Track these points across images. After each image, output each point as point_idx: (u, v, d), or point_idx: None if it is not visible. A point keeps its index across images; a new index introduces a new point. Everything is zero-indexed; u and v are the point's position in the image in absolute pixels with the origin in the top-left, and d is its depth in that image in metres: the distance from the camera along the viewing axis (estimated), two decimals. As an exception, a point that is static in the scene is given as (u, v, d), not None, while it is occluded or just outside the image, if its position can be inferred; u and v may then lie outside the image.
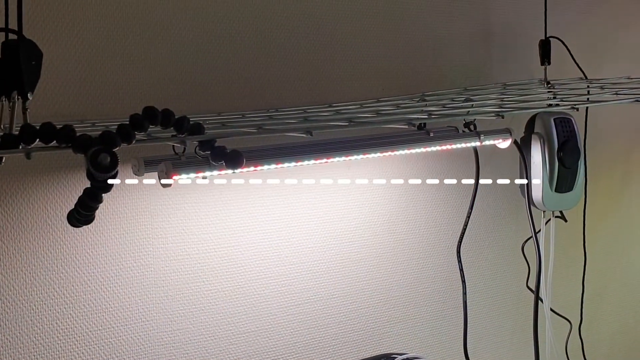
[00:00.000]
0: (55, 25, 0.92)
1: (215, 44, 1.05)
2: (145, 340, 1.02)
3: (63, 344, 0.96)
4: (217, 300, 1.08)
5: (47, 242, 0.94)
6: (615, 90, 1.09)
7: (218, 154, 0.62)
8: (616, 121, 1.57)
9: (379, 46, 1.21)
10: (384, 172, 1.24)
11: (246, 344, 1.11)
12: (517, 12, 1.38)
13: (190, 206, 1.05)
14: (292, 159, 0.79)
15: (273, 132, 0.71)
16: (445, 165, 1.31)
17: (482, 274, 1.39)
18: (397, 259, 1.27)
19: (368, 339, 1.25)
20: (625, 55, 1.57)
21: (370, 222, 1.23)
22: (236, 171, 0.63)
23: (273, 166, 0.78)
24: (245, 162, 0.63)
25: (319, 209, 1.17)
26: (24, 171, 0.92)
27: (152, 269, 1.02)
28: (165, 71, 1.01)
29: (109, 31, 0.96)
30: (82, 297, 0.97)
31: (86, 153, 0.50)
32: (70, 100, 0.94)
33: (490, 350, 1.42)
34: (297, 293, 1.16)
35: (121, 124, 0.54)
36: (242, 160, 0.63)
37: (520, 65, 1.35)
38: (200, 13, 1.03)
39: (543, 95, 1.12)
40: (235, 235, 1.09)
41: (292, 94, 1.12)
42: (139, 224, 1.00)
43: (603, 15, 1.53)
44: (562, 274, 1.44)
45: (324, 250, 1.18)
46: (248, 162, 0.71)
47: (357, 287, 1.23)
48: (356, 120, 0.78)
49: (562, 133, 1.14)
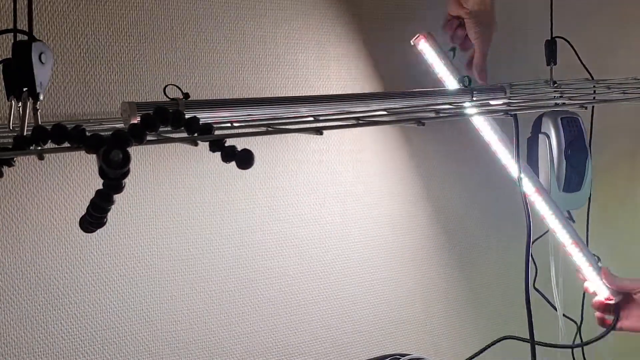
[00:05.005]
0: (57, 25, 0.92)
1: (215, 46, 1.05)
2: (150, 341, 1.02)
3: (67, 344, 0.96)
4: (222, 301, 1.08)
5: (51, 242, 0.94)
6: (623, 90, 1.09)
7: (228, 154, 0.62)
8: (621, 121, 1.57)
9: (381, 46, 1.20)
10: (388, 171, 1.24)
11: (250, 344, 1.11)
12: (523, 12, 1.37)
13: (194, 207, 1.04)
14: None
15: (283, 131, 0.71)
16: (449, 166, 1.31)
17: (487, 274, 1.39)
18: (402, 259, 1.27)
19: (373, 340, 1.25)
20: (631, 55, 1.57)
21: (375, 223, 1.23)
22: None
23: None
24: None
25: (324, 210, 1.17)
26: (29, 171, 0.92)
27: (156, 270, 1.02)
28: (167, 71, 1.00)
29: (111, 31, 0.96)
30: (86, 297, 0.97)
31: (98, 151, 0.50)
32: (71, 100, 0.94)
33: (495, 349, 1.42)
34: (301, 293, 1.16)
35: (133, 124, 0.54)
36: (253, 159, 0.62)
37: (526, 65, 1.35)
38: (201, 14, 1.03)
39: (550, 94, 1.11)
40: (239, 236, 1.08)
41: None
42: (143, 224, 1.00)
43: (609, 15, 1.53)
44: (566, 274, 1.44)
45: (328, 250, 1.18)
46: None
47: (362, 288, 1.22)
48: (365, 120, 0.77)
49: (570, 132, 1.14)
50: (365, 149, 1.21)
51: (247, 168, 0.61)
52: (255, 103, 0.80)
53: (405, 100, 0.90)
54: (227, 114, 0.76)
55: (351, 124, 0.77)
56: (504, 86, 1.03)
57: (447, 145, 1.30)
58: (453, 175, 1.31)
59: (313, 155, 1.15)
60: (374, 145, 1.22)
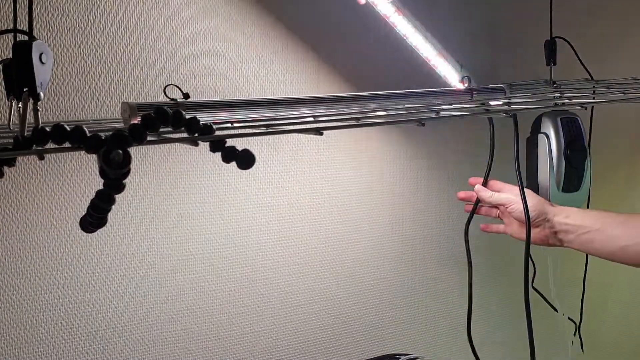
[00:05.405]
0: (57, 25, 0.92)
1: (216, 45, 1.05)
2: (149, 340, 1.02)
3: (67, 344, 0.96)
4: (221, 301, 1.08)
5: (51, 242, 0.94)
6: (622, 90, 1.09)
7: (229, 154, 0.62)
8: (621, 122, 1.57)
9: (384, 46, 1.20)
10: (388, 172, 1.24)
11: (250, 344, 1.11)
12: (523, 12, 1.37)
13: (193, 207, 1.04)
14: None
15: (283, 132, 0.71)
16: (449, 166, 1.31)
17: (487, 274, 1.39)
18: (402, 260, 1.27)
19: (372, 339, 1.25)
20: (631, 56, 1.57)
21: (375, 223, 1.23)
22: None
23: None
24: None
25: (322, 209, 1.17)
26: (29, 172, 0.92)
27: (156, 270, 1.02)
28: (167, 72, 1.00)
29: (113, 32, 0.96)
30: (86, 297, 0.97)
31: (99, 152, 0.50)
32: (71, 100, 0.94)
33: (495, 348, 1.42)
34: (300, 293, 1.16)
35: (133, 124, 0.54)
36: (254, 159, 0.62)
37: (526, 65, 1.35)
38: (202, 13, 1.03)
39: (550, 95, 1.11)
40: (239, 236, 1.08)
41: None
42: (142, 224, 1.00)
43: (609, 15, 1.53)
44: (564, 274, 1.44)
45: (328, 250, 1.18)
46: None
47: (361, 288, 1.23)
48: (365, 121, 0.77)
49: (569, 132, 1.14)
50: (365, 150, 1.21)
51: (247, 168, 0.61)
52: (255, 104, 0.80)
53: (405, 101, 0.90)
54: (226, 114, 0.76)
55: (351, 124, 0.77)
56: (503, 86, 1.03)
57: (447, 146, 1.30)
58: (453, 175, 1.31)
59: (313, 155, 1.15)
60: (374, 146, 1.22)
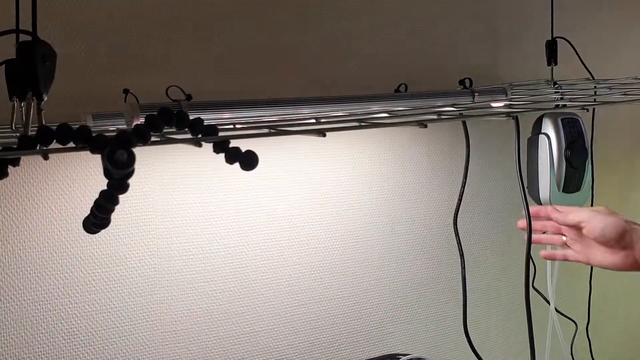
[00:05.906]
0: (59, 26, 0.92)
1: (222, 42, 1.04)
2: (149, 341, 1.02)
3: (67, 343, 0.96)
4: (221, 301, 1.08)
5: (51, 242, 0.94)
6: (624, 91, 1.09)
7: (232, 155, 0.62)
8: (621, 122, 1.57)
9: (385, 45, 1.20)
10: (388, 172, 1.24)
11: (250, 344, 1.11)
12: (524, 12, 1.37)
13: (194, 207, 1.04)
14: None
15: (286, 133, 0.71)
16: (449, 167, 1.31)
17: (487, 274, 1.39)
18: (402, 260, 1.27)
19: (372, 339, 1.25)
20: (632, 55, 1.57)
21: (375, 223, 1.23)
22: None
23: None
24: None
25: (322, 209, 1.17)
26: (29, 172, 0.91)
27: (156, 270, 1.02)
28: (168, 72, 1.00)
29: (113, 32, 0.96)
30: (86, 297, 0.97)
31: (103, 152, 0.50)
32: (74, 101, 0.93)
33: (495, 348, 1.42)
34: (300, 293, 1.16)
35: (137, 124, 0.54)
36: (257, 160, 0.62)
37: (527, 65, 1.35)
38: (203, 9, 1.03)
39: (551, 95, 1.11)
40: (239, 236, 1.08)
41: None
42: (142, 224, 1.00)
43: (610, 15, 1.53)
44: (569, 275, 1.44)
45: (328, 250, 1.18)
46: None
47: (361, 288, 1.22)
48: (367, 122, 0.77)
49: (570, 133, 1.14)
50: (366, 150, 1.21)
51: (251, 169, 0.61)
52: (257, 105, 0.80)
53: (407, 102, 0.90)
54: (229, 115, 0.76)
55: (354, 125, 0.77)
56: (504, 87, 1.03)
57: (447, 146, 1.30)
58: (453, 175, 1.31)
59: (313, 156, 1.15)
60: (374, 146, 1.22)
